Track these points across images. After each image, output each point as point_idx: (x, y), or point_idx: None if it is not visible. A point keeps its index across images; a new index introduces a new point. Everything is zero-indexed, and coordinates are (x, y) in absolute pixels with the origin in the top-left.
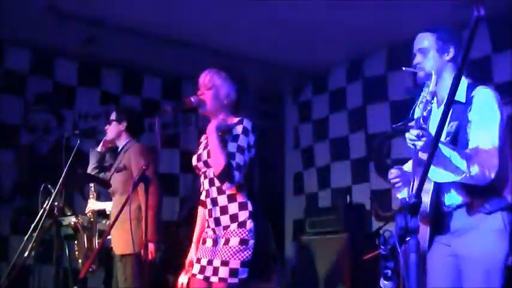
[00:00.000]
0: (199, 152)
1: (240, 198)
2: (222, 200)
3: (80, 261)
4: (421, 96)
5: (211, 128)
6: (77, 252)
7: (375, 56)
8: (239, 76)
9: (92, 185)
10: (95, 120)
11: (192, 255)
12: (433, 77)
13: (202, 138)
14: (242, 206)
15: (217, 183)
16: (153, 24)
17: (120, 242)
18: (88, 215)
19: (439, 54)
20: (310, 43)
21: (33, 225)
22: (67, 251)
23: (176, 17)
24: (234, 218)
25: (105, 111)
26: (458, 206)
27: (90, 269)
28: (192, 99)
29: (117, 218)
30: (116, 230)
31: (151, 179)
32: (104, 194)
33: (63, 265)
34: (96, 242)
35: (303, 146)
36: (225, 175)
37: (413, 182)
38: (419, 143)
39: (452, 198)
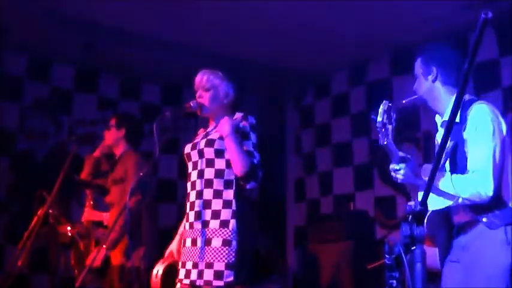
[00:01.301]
0: (195, 141)
1: (227, 195)
2: (208, 193)
3: (76, 270)
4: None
5: (228, 128)
6: (73, 261)
7: (379, 59)
8: (234, 74)
9: (88, 192)
10: (92, 126)
11: (173, 246)
12: (380, 109)
13: (200, 131)
14: (226, 204)
15: (206, 175)
16: (152, 30)
17: (117, 251)
18: (84, 224)
19: (424, 77)
20: (312, 47)
21: (27, 233)
22: (63, 259)
23: (176, 23)
24: (215, 214)
25: (102, 116)
26: (466, 223)
27: (87, 278)
28: (192, 104)
29: (113, 228)
30: None
31: (149, 187)
32: (102, 202)
33: (59, 274)
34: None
35: (305, 151)
36: (251, 175)
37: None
38: (399, 176)
39: (456, 217)
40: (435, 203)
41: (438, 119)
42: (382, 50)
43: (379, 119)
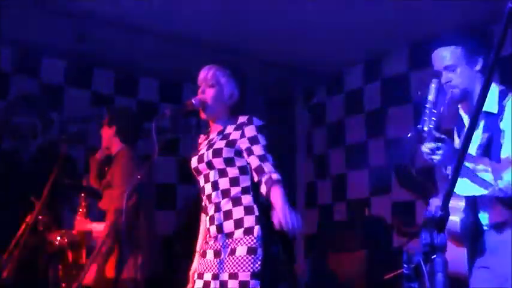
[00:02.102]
0: (200, 153)
1: (246, 201)
2: (226, 204)
3: (63, 284)
4: (426, 107)
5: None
6: (60, 273)
7: (396, 53)
8: (242, 74)
9: (82, 197)
10: (84, 124)
11: (194, 265)
12: (432, 85)
13: (201, 139)
14: (248, 210)
15: (221, 185)
16: (149, 20)
17: (110, 263)
18: (76, 233)
19: (470, 67)
20: (323, 40)
21: (14, 241)
22: (52, 271)
23: (175, 13)
24: (238, 223)
25: (96, 114)
26: (497, 224)
27: None
28: (193, 101)
29: (107, 236)
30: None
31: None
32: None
33: (48, 286)
34: (84, 261)
35: (316, 152)
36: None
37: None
38: (436, 157)
39: (490, 216)
40: (467, 189)
41: (463, 114)
42: (400, 43)
43: (430, 97)
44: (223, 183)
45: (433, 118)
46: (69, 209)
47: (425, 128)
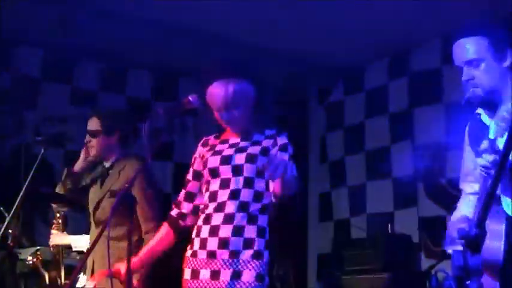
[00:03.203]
0: (224, 153)
1: (261, 221)
2: (241, 218)
3: None
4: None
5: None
6: None
7: (426, 47)
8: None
9: (57, 209)
10: (64, 125)
11: (121, 267)
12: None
13: (212, 141)
14: (261, 232)
15: (242, 196)
16: (142, 6)
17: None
18: (52, 249)
19: (496, 63)
20: (341, 31)
21: None
22: None
23: None
24: (249, 244)
25: (77, 113)
26: None
27: None
28: (191, 99)
29: (91, 251)
30: (96, 267)
31: (137, 200)
32: (76, 222)
33: None
34: (62, 282)
35: (332, 159)
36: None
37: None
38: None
39: None
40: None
41: (486, 120)
42: (430, 35)
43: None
44: (246, 195)
45: (502, 124)
46: (43, 222)
47: (491, 136)
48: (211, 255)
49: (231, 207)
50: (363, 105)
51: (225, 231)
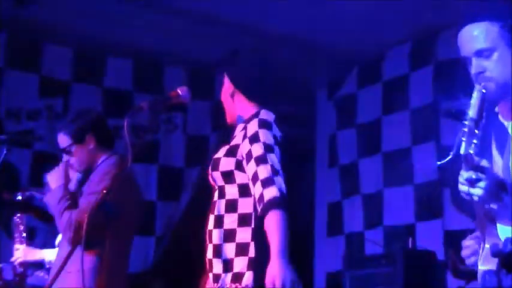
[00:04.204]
0: (216, 156)
1: (241, 237)
2: (217, 236)
3: None
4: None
5: None
6: None
7: (453, 30)
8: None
9: (20, 220)
10: (31, 121)
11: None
12: (475, 94)
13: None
14: (241, 250)
15: (217, 209)
16: None
17: None
18: (16, 265)
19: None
20: (354, 11)
21: None
22: None
23: None
24: (227, 265)
25: (46, 105)
26: None
27: None
28: (180, 91)
29: (62, 269)
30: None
31: (116, 209)
32: (42, 234)
33: None
34: None
35: (343, 162)
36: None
37: (484, 243)
38: (476, 191)
39: None
40: None
41: (503, 120)
42: (459, 15)
43: (471, 113)
44: (219, 207)
45: (474, 141)
46: (6, 234)
47: (462, 151)
48: (209, 264)
49: (211, 223)
50: (379, 100)
51: (209, 252)
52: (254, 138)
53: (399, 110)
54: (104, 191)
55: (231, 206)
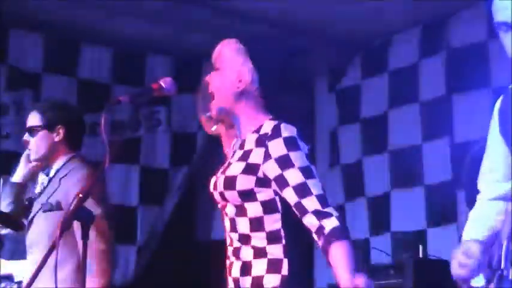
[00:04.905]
0: (219, 173)
1: (272, 253)
2: (246, 252)
3: None
4: None
5: None
6: None
7: (470, 13)
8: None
9: None
10: None
11: None
12: None
13: (234, 144)
14: (273, 266)
15: (240, 227)
16: None
17: None
18: None
19: None
20: None
21: None
22: None
23: None
24: (258, 283)
25: (14, 100)
26: None
27: None
28: (163, 83)
29: (33, 281)
30: None
31: (94, 216)
32: (10, 244)
33: None
34: None
35: (346, 162)
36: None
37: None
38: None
39: None
40: None
41: None
42: None
43: None
44: (242, 224)
45: None
46: None
47: None
48: None
49: (235, 240)
50: (385, 91)
51: (236, 270)
52: (285, 163)
53: (408, 102)
54: (80, 196)
55: (257, 224)
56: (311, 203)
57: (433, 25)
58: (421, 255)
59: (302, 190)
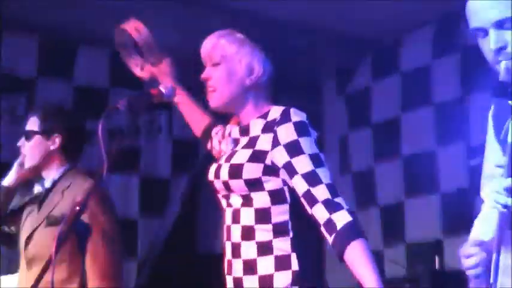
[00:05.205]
0: (220, 162)
1: (280, 248)
2: (249, 249)
3: None
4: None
5: None
6: None
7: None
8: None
9: None
10: None
11: None
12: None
13: (229, 130)
14: (282, 263)
15: (243, 219)
16: None
17: None
18: None
19: None
20: None
21: None
22: None
23: None
24: (265, 283)
25: (7, 106)
26: None
27: None
28: (163, 88)
29: None
30: None
31: (91, 229)
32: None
33: None
34: None
35: (356, 169)
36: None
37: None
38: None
39: None
40: None
41: None
42: None
43: None
44: (246, 216)
45: None
46: None
47: (510, 140)
48: None
49: (235, 233)
50: (398, 94)
51: (236, 268)
52: (294, 150)
53: (421, 105)
54: (77, 208)
55: (263, 216)
56: (320, 192)
57: (447, 23)
58: (437, 267)
59: (312, 179)
